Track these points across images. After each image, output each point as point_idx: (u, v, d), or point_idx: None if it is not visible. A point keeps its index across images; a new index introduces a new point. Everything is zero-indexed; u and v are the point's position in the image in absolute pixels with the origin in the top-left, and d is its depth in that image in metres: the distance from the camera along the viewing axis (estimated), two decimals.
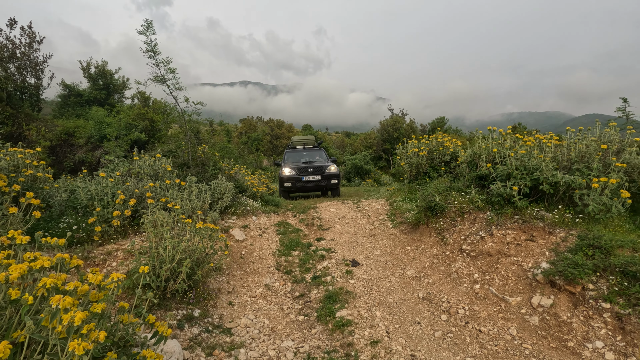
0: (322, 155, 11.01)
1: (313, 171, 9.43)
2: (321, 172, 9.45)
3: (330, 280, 3.94)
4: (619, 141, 4.31)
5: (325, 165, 9.73)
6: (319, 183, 9.38)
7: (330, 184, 9.51)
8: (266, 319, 3.21)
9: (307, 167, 9.52)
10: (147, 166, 4.79)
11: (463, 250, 4.09)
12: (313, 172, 9.42)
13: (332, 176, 9.50)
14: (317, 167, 9.54)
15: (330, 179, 9.47)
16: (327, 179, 9.42)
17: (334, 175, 9.55)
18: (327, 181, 9.39)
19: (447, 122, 29.61)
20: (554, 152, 4.44)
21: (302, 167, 9.56)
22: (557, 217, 3.80)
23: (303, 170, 9.43)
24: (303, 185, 9.28)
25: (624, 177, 4.30)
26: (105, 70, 11.57)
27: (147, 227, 3.00)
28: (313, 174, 9.39)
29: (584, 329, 2.68)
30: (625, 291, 2.69)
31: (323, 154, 11.16)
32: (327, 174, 9.44)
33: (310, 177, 9.32)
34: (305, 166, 9.61)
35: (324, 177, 9.39)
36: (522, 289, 3.22)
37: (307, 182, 9.28)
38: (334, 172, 9.62)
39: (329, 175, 9.46)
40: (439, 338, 2.81)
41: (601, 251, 3.03)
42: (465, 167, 5.37)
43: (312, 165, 9.67)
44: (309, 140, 11.99)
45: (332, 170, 9.61)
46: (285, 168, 9.58)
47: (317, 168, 9.53)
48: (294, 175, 9.31)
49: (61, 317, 1.19)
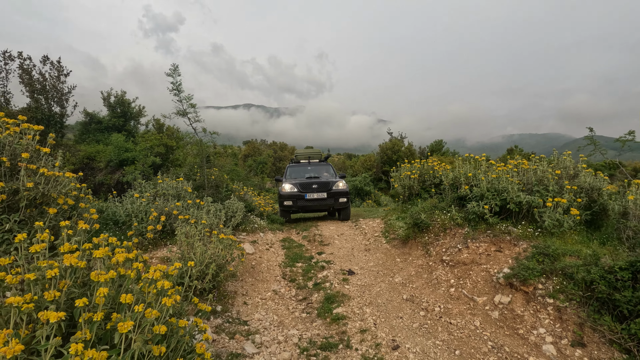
0: (329, 171, 9.55)
1: (318, 188, 8.02)
2: (328, 188, 8.04)
3: (329, 286, 4.59)
4: (573, 167, 5.04)
5: (332, 181, 8.29)
6: (325, 202, 7.99)
7: (338, 203, 8.06)
8: (275, 315, 3.86)
9: (311, 183, 8.11)
10: (172, 188, 5.55)
11: (443, 261, 4.76)
12: (318, 189, 8.00)
13: (340, 194, 8.06)
14: (323, 183, 8.15)
15: (339, 197, 8.05)
16: (335, 197, 8.02)
17: (342, 192, 8.09)
18: (334, 200, 8.00)
19: (444, 145, 30.54)
20: (521, 176, 5.18)
21: (306, 183, 8.15)
22: (521, 231, 4.49)
23: (306, 187, 8.01)
24: (306, 204, 7.95)
25: (584, 197, 5.04)
26: (124, 100, 12.59)
27: (180, 237, 3.71)
28: (318, 190, 7.99)
29: (533, 319, 3.32)
30: (564, 289, 3.35)
31: (330, 169, 9.67)
32: (334, 191, 8.03)
33: (315, 194, 7.92)
34: (309, 182, 8.19)
35: (331, 194, 8.01)
36: (488, 290, 3.87)
37: (310, 200, 7.92)
38: (343, 189, 8.13)
39: (337, 193, 8.05)
40: (416, 328, 3.45)
41: (549, 258, 3.70)
42: (448, 189, 6.10)
43: (317, 181, 8.27)
44: (315, 154, 10.58)
45: (340, 187, 8.15)
46: (285, 184, 8.17)
47: (322, 184, 8.12)
48: (296, 193, 7.96)
49: (156, 284, 1.89)
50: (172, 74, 6.08)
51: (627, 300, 2.87)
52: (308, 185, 8.10)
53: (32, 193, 2.97)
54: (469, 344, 3.15)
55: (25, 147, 3.12)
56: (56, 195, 3.20)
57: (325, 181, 8.29)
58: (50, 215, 3.09)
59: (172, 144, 10.80)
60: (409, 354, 2.96)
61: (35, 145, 3.21)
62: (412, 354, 2.96)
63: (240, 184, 8.76)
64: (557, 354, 2.91)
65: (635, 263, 3.02)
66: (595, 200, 5.18)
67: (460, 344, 3.16)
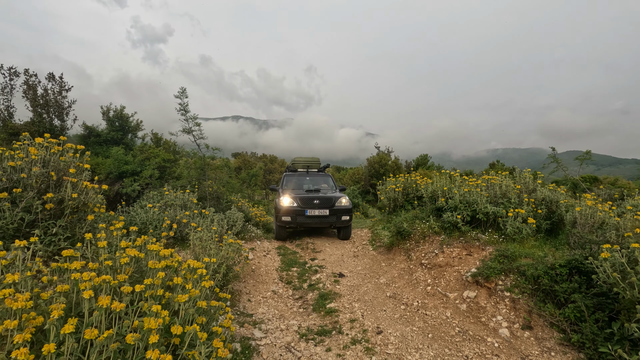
0: (329, 182, 9.24)
1: (320, 204, 7.59)
2: (330, 205, 7.63)
3: (322, 286, 5.19)
4: (532, 182, 5.83)
5: (335, 196, 7.86)
6: (326, 220, 7.58)
7: (340, 221, 7.67)
8: (276, 310, 4.42)
9: (313, 198, 7.65)
10: (179, 199, 6.10)
11: (422, 264, 5.42)
12: (320, 205, 7.58)
13: (343, 211, 7.69)
14: (325, 199, 7.68)
15: (341, 214, 7.67)
16: (337, 215, 7.65)
17: (345, 210, 7.72)
18: (336, 217, 7.62)
19: (430, 160, 31.65)
20: (489, 190, 5.93)
21: (306, 197, 7.67)
22: (488, 237, 5.20)
23: (307, 202, 7.57)
24: (306, 221, 7.49)
25: (544, 208, 5.81)
26: (123, 114, 13.08)
27: (194, 241, 4.28)
28: (320, 207, 7.56)
29: (493, 310, 3.98)
30: (518, 284, 4.03)
31: (330, 180, 9.31)
32: (337, 209, 7.66)
33: (316, 211, 7.49)
34: (310, 197, 7.72)
35: (334, 212, 7.62)
36: (458, 287, 4.54)
37: (311, 217, 7.48)
38: (346, 206, 7.75)
39: (340, 210, 7.68)
40: (397, 318, 4.07)
41: (508, 259, 4.40)
42: (427, 201, 6.82)
43: (319, 196, 7.79)
44: (314, 162, 10.02)
45: (343, 204, 7.78)
46: (283, 197, 7.66)
47: (325, 200, 7.66)
48: (295, 208, 7.49)
49: (196, 271, 2.48)
50: (180, 96, 6.71)
51: (564, 290, 3.57)
52: (309, 201, 7.62)
53: (75, 202, 3.52)
54: (440, 330, 3.79)
55: (68, 164, 3.68)
56: (92, 204, 3.75)
57: (328, 197, 7.81)
58: (89, 221, 3.65)
59: (170, 157, 11.30)
60: (390, 337, 3.58)
61: (76, 162, 3.77)
62: (393, 337, 3.58)
63: (238, 195, 9.32)
64: (510, 335, 3.57)
65: (571, 261, 3.74)
66: (554, 211, 5.97)
67: (433, 329, 3.80)
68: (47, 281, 2.15)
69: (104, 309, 1.80)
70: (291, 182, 9.01)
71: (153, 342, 1.73)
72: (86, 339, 1.62)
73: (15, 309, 1.60)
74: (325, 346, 3.40)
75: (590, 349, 3.11)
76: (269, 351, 3.23)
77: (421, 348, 3.38)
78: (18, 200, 3.35)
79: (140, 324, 1.85)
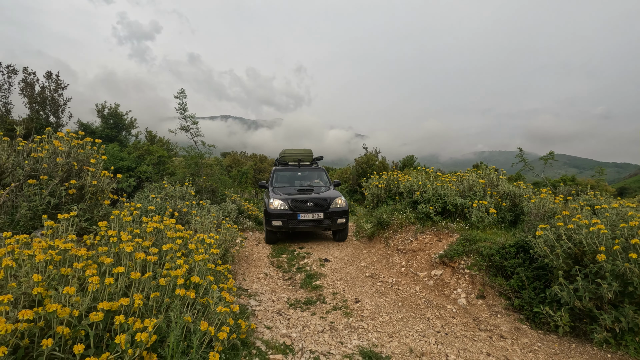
0: (322, 177, 8.53)
1: (314, 206, 6.93)
2: (325, 207, 6.98)
3: (309, 269, 5.79)
4: (496, 178, 6.56)
5: (330, 197, 7.16)
6: (321, 223, 6.96)
7: (336, 224, 7.07)
8: (268, 287, 5.01)
9: (305, 200, 6.94)
10: (178, 191, 6.63)
11: (399, 250, 6.08)
12: (313, 208, 6.92)
13: (339, 213, 7.04)
14: (320, 201, 7.00)
15: (337, 217, 7.02)
16: (333, 218, 7.00)
17: (341, 212, 7.07)
18: (331, 220, 7.00)
19: (416, 160, 32.56)
20: (458, 184, 6.64)
21: (298, 199, 6.96)
22: (456, 226, 5.89)
23: (299, 204, 6.89)
24: (298, 225, 6.87)
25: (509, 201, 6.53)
26: (117, 112, 13.45)
27: (195, 225, 4.83)
28: (314, 210, 6.92)
29: (455, 284, 4.66)
30: (477, 262, 4.71)
31: (324, 175, 8.59)
32: (333, 211, 7.01)
33: (310, 214, 6.87)
34: (302, 198, 6.99)
35: (329, 214, 6.96)
36: (428, 268, 5.20)
37: (304, 221, 6.87)
38: (342, 208, 7.12)
39: (336, 213, 7.02)
40: (374, 292, 4.71)
41: (470, 243, 5.08)
42: (405, 195, 7.50)
43: (312, 197, 7.08)
44: (306, 155, 9.13)
45: (339, 205, 7.13)
46: (274, 199, 6.95)
47: (319, 202, 6.99)
48: (286, 212, 6.83)
49: (205, 242, 3.06)
50: (179, 96, 7.23)
51: (511, 265, 4.26)
52: (301, 203, 6.93)
53: (94, 188, 4.05)
54: (409, 300, 4.44)
55: (87, 155, 4.21)
56: (107, 191, 4.28)
57: (323, 198, 7.12)
58: (105, 205, 4.19)
59: (164, 154, 11.75)
60: (366, 305, 4.21)
61: (95, 154, 4.29)
62: (369, 305, 4.21)
63: (232, 190, 9.86)
64: (467, 303, 4.24)
65: (518, 242, 4.44)
66: (517, 204, 6.72)
67: (403, 300, 4.45)
68: (90, 244, 2.70)
69: (140, 260, 2.38)
70: (282, 178, 8.25)
71: (180, 283, 2.32)
72: (132, 278, 2.20)
73: (79, 255, 2.16)
74: (310, 312, 4.01)
75: (528, 310, 3.81)
76: (263, 314, 3.83)
77: (391, 312, 4.03)
78: (45, 187, 3.86)
79: (167, 272, 2.44)
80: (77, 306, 1.88)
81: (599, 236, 3.37)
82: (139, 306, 2.01)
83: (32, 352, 1.70)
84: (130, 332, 1.82)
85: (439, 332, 3.57)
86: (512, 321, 3.81)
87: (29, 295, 1.87)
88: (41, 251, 2.12)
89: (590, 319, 3.36)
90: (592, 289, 3.24)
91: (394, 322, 3.77)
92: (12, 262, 1.91)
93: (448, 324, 3.78)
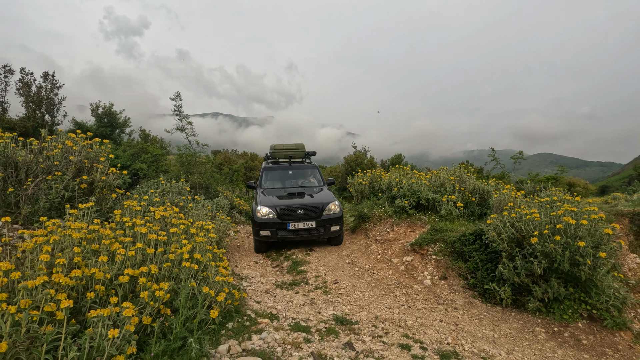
0: (315, 175, 7.92)
1: (305, 214, 6.35)
2: (317, 214, 6.41)
3: (295, 257, 6.38)
4: (464, 175, 7.25)
5: (322, 202, 6.55)
6: (313, 232, 6.40)
7: (329, 232, 6.52)
8: (257, 272, 5.60)
9: (296, 208, 6.37)
10: (174, 187, 7.15)
11: (377, 240, 6.72)
12: (304, 216, 6.34)
13: (332, 220, 6.48)
14: (311, 208, 6.43)
15: (330, 225, 6.47)
16: (325, 226, 6.44)
17: (335, 219, 6.51)
18: (324, 229, 6.45)
19: (404, 159, 33.36)
20: (432, 181, 7.31)
21: (287, 206, 6.39)
22: (428, 218, 6.54)
23: (289, 213, 6.33)
24: (289, 235, 6.32)
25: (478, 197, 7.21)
26: (112, 111, 13.82)
27: (193, 216, 5.38)
28: (305, 218, 6.34)
29: (423, 268, 5.31)
30: (442, 249, 5.37)
31: (317, 173, 7.98)
32: (325, 218, 6.42)
33: (301, 223, 6.31)
34: (292, 205, 6.42)
35: (321, 222, 6.39)
36: (400, 255, 5.85)
37: (294, 230, 6.31)
38: (336, 214, 6.54)
39: (329, 220, 6.45)
40: (351, 275, 5.34)
41: (438, 232, 5.74)
42: (385, 190, 8.15)
43: (303, 204, 6.47)
44: (298, 151, 8.27)
45: (332, 211, 6.54)
46: (261, 207, 6.34)
47: (310, 209, 6.41)
48: (275, 220, 6.27)
49: (203, 228, 3.62)
50: (175, 98, 7.73)
51: (469, 250, 4.92)
52: (292, 210, 6.35)
53: (103, 183, 4.57)
54: (382, 282, 5.08)
55: (96, 153, 4.72)
56: (114, 185, 4.80)
57: (315, 204, 6.50)
58: (112, 198, 4.72)
59: (158, 152, 12.19)
60: (344, 285, 4.83)
61: (104, 153, 4.81)
62: (346, 285, 4.83)
63: (223, 187, 10.38)
64: (431, 284, 4.89)
65: (476, 230, 5.11)
66: (486, 200, 7.41)
67: (376, 282, 5.08)
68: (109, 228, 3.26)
69: (153, 239, 2.94)
70: (271, 177, 7.76)
71: (186, 257, 2.89)
72: (147, 253, 2.76)
73: (105, 234, 2.72)
74: (295, 291, 4.62)
75: (480, 287, 4.47)
76: (253, 292, 4.41)
77: (364, 291, 4.65)
78: (60, 182, 4.38)
79: (175, 249, 3.01)
80: (108, 272, 2.44)
81: (534, 223, 4.04)
82: (155, 273, 2.58)
83: (79, 303, 2.26)
84: (150, 290, 2.39)
85: (403, 305, 4.21)
86: (467, 297, 4.47)
87: (72, 262, 2.43)
88: (75, 231, 2.67)
89: (528, 292, 4.04)
90: (528, 267, 3.91)
91: (366, 298, 4.40)
92: (57, 237, 2.46)
93: (412, 300, 4.43)
